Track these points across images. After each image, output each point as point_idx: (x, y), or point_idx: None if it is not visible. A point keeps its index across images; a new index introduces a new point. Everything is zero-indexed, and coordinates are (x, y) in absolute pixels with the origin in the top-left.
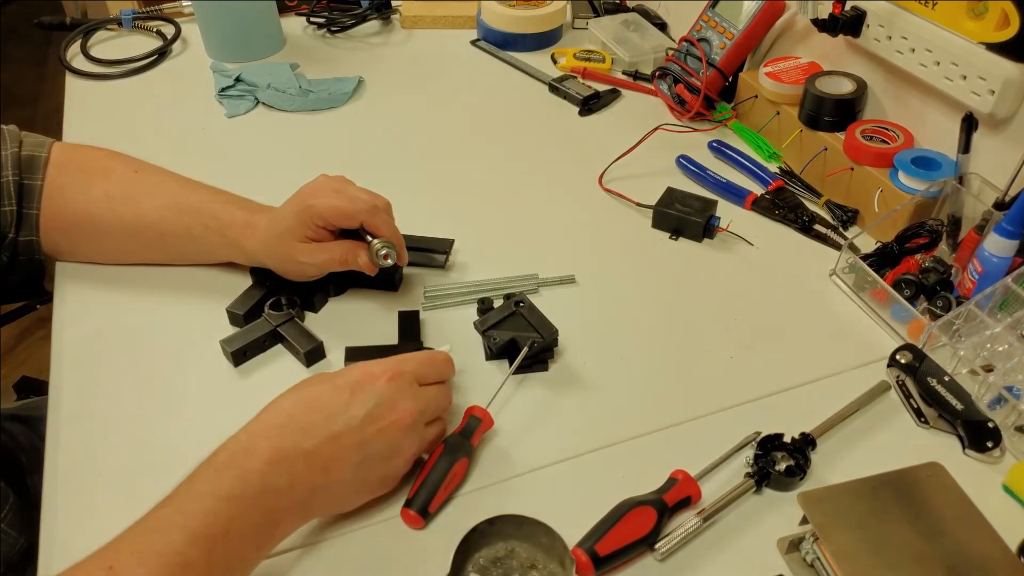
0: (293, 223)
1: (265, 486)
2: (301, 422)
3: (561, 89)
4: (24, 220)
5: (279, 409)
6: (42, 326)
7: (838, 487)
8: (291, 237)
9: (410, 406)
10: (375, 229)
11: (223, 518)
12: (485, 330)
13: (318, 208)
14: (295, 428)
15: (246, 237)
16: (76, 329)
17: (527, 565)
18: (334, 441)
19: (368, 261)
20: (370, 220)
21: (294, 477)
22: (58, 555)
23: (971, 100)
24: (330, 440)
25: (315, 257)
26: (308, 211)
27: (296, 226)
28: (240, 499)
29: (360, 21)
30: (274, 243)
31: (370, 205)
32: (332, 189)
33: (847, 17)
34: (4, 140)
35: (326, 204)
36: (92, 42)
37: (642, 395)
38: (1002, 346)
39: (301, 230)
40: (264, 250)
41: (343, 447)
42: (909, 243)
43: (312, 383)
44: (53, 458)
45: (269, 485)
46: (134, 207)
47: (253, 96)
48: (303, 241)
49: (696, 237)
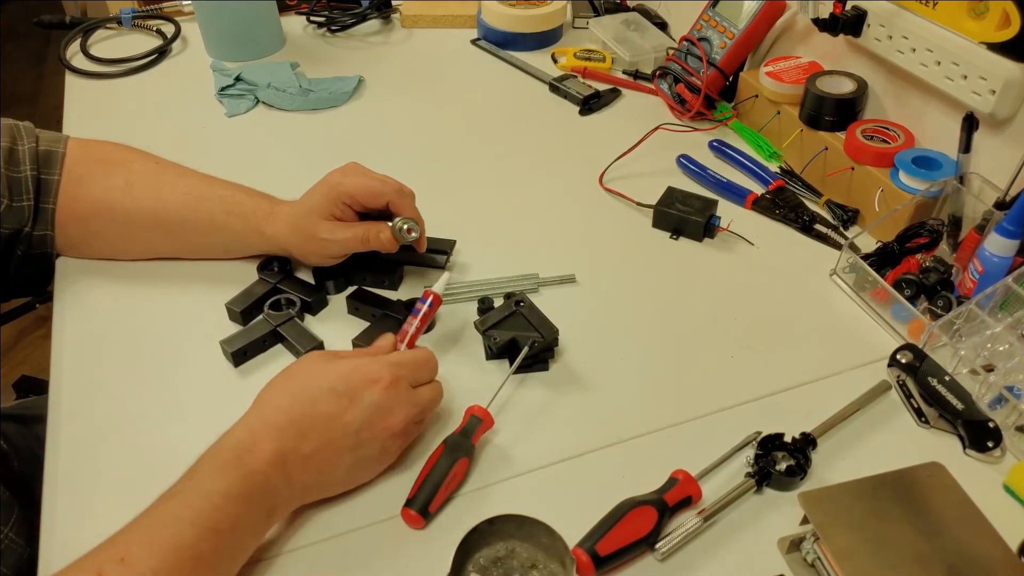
0: (321, 200)
1: (267, 487)
2: (300, 426)
3: (561, 88)
4: (40, 215)
5: (277, 409)
6: (42, 325)
7: (838, 487)
8: (316, 214)
9: (404, 413)
10: (399, 210)
11: (230, 515)
12: (485, 330)
13: (347, 186)
14: (294, 432)
15: (268, 222)
16: (76, 328)
17: (527, 565)
18: (330, 446)
19: (390, 237)
20: (397, 200)
21: (291, 477)
22: (57, 555)
23: (972, 100)
24: (326, 445)
25: (338, 234)
26: (336, 188)
27: (323, 203)
28: (245, 498)
29: (360, 20)
30: (299, 220)
31: (398, 186)
32: (361, 172)
33: (848, 17)
34: (21, 136)
35: (355, 182)
36: (92, 41)
37: (642, 395)
38: (1003, 346)
39: (328, 208)
40: (287, 230)
41: (338, 451)
42: (910, 243)
43: (310, 378)
44: (53, 458)
45: (270, 485)
46: (155, 195)
47: (253, 95)
48: (327, 219)
49: (696, 237)
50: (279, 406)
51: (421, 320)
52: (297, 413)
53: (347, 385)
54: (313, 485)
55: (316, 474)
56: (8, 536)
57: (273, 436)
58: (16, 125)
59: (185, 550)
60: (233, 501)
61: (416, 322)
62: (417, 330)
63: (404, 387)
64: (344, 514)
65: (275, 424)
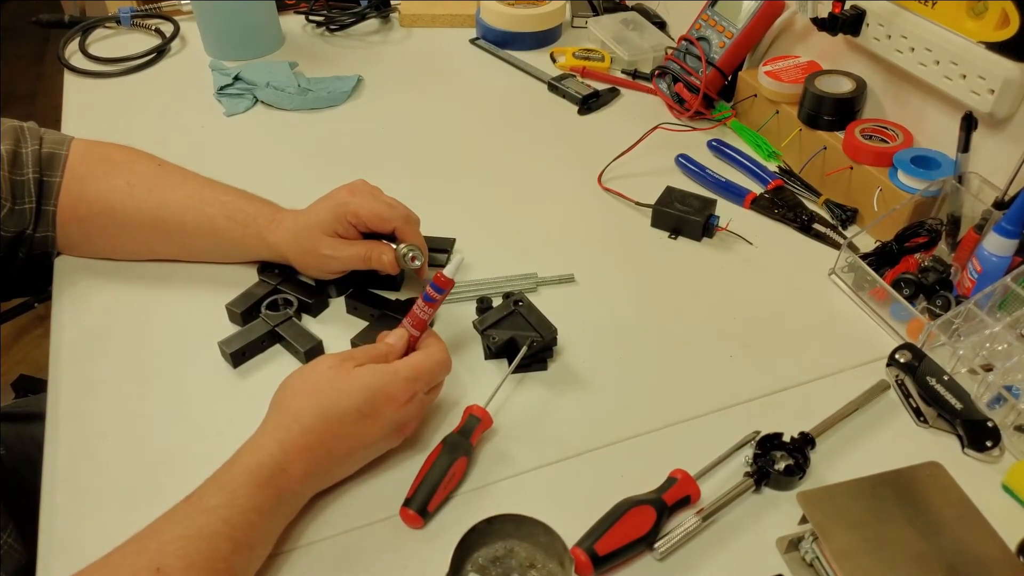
0: (326, 216)
1: (296, 502)
2: (328, 445)
3: (560, 88)
4: (41, 216)
5: (306, 430)
6: (40, 324)
7: (837, 486)
8: (320, 230)
9: (417, 419)
10: (404, 237)
11: (262, 529)
12: (484, 329)
13: (355, 207)
14: (323, 451)
15: (270, 230)
16: (75, 327)
17: (526, 564)
18: (350, 456)
19: (391, 260)
20: (403, 228)
21: (316, 487)
22: (57, 555)
23: (970, 99)
24: (347, 456)
25: (340, 251)
26: (345, 207)
27: (329, 220)
28: (278, 513)
29: (359, 20)
30: (301, 234)
31: (406, 213)
32: (370, 193)
33: (847, 16)
34: (25, 138)
35: (365, 205)
36: (90, 40)
37: (641, 394)
38: (1001, 345)
39: (333, 225)
40: (289, 240)
41: (356, 460)
42: (908, 242)
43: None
44: (52, 458)
45: (299, 500)
46: (157, 197)
47: (252, 95)
48: (331, 236)
49: (695, 236)
50: (308, 427)
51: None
52: (327, 435)
53: (372, 406)
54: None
55: (336, 478)
56: (7, 542)
57: (304, 457)
58: (20, 127)
59: (219, 562)
60: (267, 517)
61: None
62: (427, 315)
63: (419, 398)
64: (343, 513)
65: (306, 446)
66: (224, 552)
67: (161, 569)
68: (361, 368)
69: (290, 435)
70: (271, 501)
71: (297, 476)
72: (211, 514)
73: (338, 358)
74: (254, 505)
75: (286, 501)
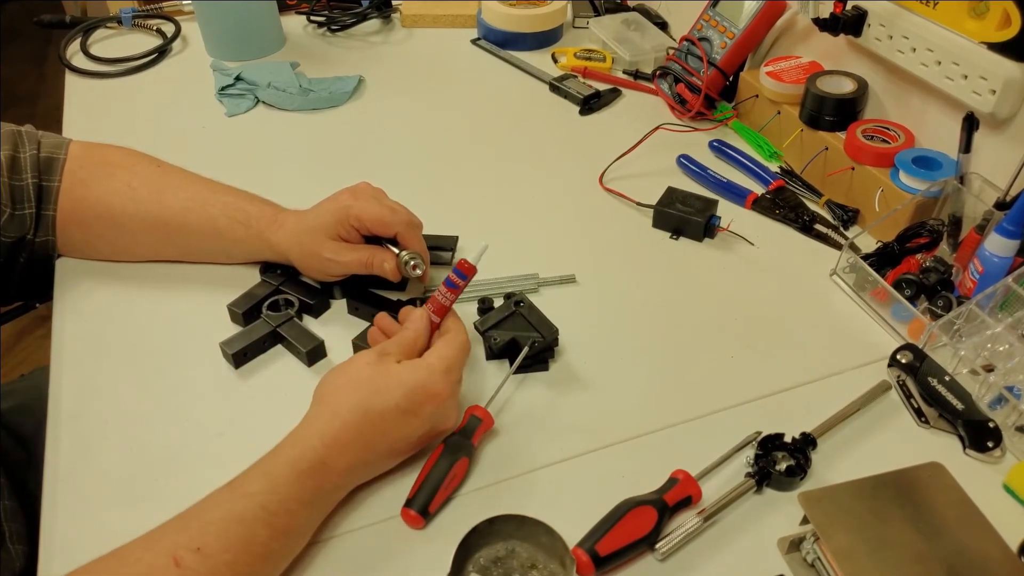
0: (329, 220)
1: (336, 495)
2: (369, 440)
3: (562, 88)
4: (41, 221)
5: (347, 425)
6: (41, 325)
7: (838, 487)
8: (323, 233)
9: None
10: (406, 242)
11: (301, 518)
12: (485, 330)
13: (358, 211)
14: (363, 445)
15: (272, 230)
16: (76, 328)
17: (527, 565)
18: (391, 452)
19: (393, 268)
20: (405, 233)
21: (358, 479)
22: (58, 555)
23: (972, 100)
24: (388, 452)
25: (342, 256)
26: (347, 211)
27: (332, 223)
28: (317, 504)
29: (360, 20)
30: (304, 236)
31: (408, 218)
32: (373, 196)
33: (848, 16)
34: (23, 142)
35: (367, 209)
36: (92, 40)
37: (642, 395)
38: (1003, 346)
39: (335, 228)
40: (291, 241)
41: (395, 454)
42: (910, 243)
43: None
44: (53, 458)
45: (339, 493)
46: (158, 198)
47: (253, 95)
48: (333, 239)
49: (697, 237)
50: (349, 422)
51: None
52: (368, 430)
53: (411, 402)
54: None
55: (374, 472)
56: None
57: (346, 451)
58: (18, 131)
59: (257, 547)
60: (306, 507)
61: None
62: (449, 302)
63: (456, 390)
64: (344, 514)
65: (348, 440)
66: (262, 537)
67: (201, 548)
68: (399, 365)
69: (331, 429)
70: (310, 492)
71: (339, 469)
72: (251, 499)
73: (375, 354)
74: (294, 494)
75: (327, 493)
